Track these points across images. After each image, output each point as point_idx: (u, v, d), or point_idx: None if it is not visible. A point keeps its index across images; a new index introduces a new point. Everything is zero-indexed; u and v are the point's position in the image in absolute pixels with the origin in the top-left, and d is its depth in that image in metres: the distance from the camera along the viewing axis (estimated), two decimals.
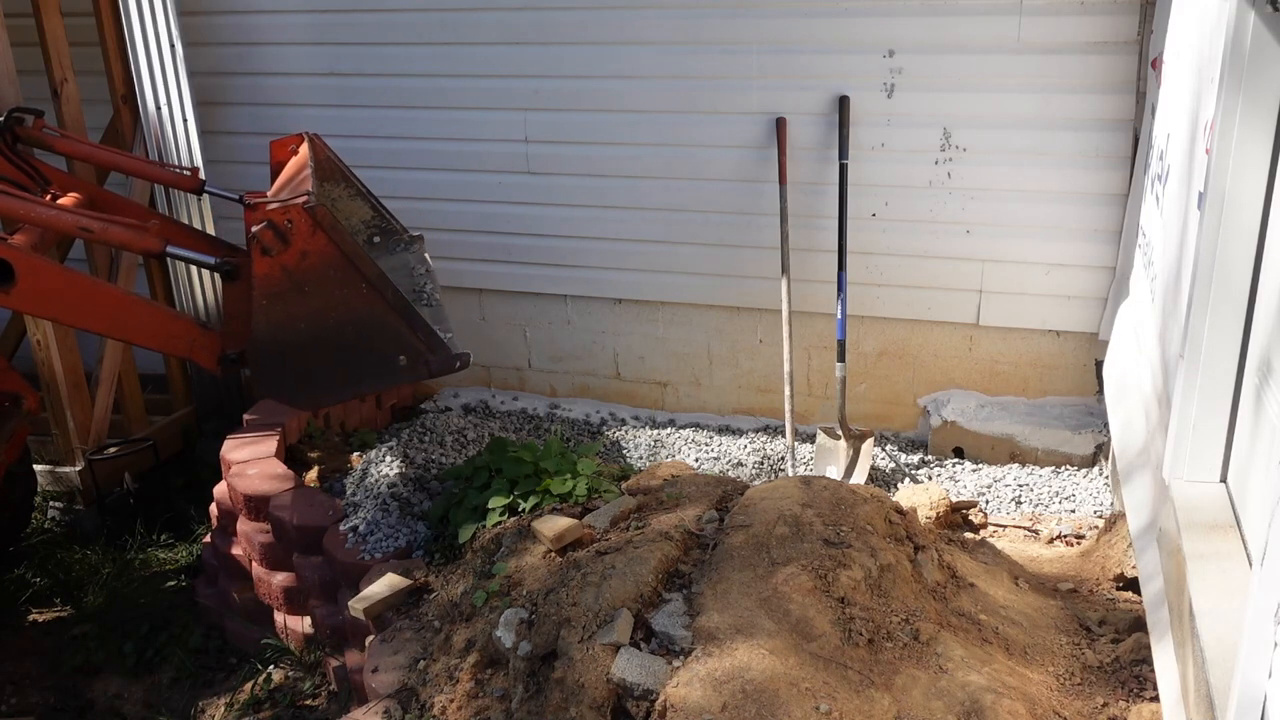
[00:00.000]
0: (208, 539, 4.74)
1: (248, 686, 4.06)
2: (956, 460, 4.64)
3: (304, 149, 4.14)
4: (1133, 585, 3.22)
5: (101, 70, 5.21)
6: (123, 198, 4.49)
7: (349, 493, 4.20)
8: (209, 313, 5.46)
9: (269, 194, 4.09)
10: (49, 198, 3.71)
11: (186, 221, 5.18)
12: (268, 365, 3.38)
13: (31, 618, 4.67)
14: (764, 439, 4.91)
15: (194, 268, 5.38)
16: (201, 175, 4.63)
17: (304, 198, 3.32)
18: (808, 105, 4.50)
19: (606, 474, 3.95)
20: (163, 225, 4.11)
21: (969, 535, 3.81)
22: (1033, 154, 4.30)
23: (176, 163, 5.25)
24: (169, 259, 3.97)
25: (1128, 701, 2.64)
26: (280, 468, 4.36)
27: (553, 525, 3.32)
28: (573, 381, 5.38)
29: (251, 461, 4.40)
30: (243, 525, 4.30)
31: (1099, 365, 4.51)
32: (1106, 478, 4.34)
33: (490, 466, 3.94)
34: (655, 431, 5.05)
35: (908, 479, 4.52)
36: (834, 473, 4.50)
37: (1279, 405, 2.16)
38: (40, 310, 3.47)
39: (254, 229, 3.24)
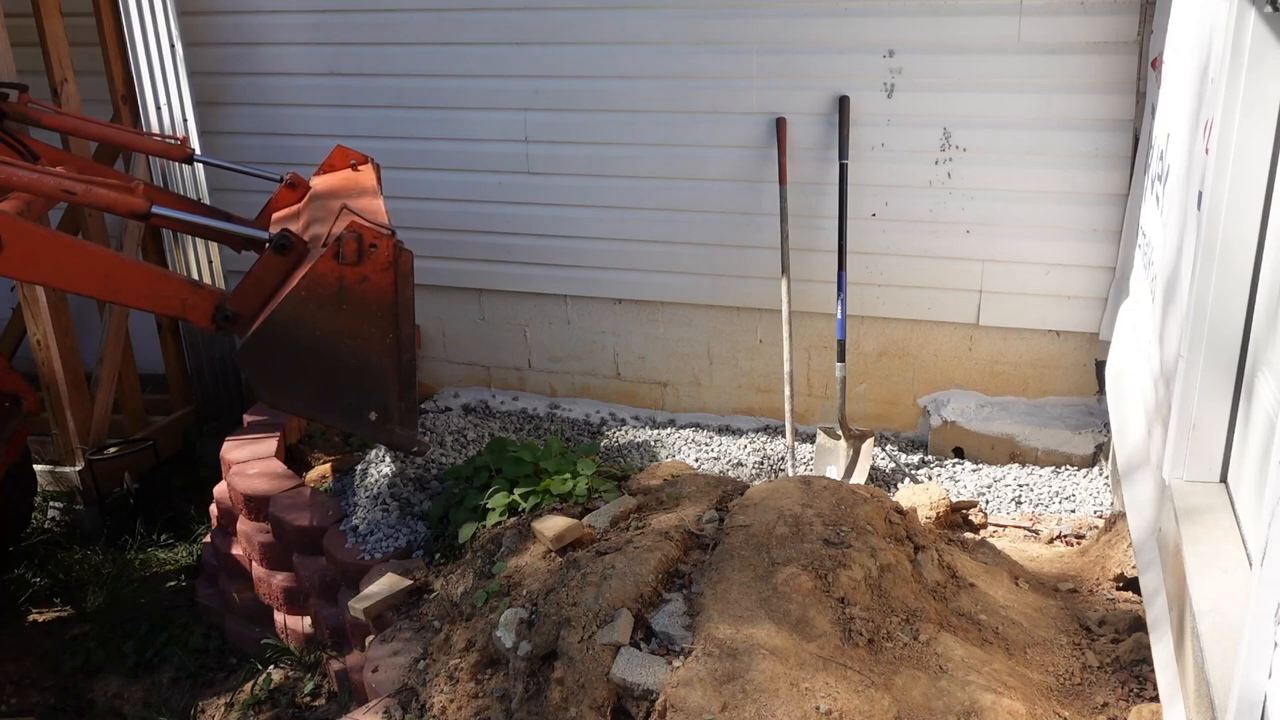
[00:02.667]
0: (208, 539, 4.74)
1: (248, 686, 4.07)
2: (956, 460, 4.64)
3: (370, 172, 4.26)
4: (1133, 585, 3.22)
5: (101, 70, 5.21)
6: (117, 171, 4.48)
7: (349, 493, 4.20)
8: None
9: (315, 184, 4.13)
10: None
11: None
12: (264, 346, 3.39)
13: (31, 618, 4.68)
14: (764, 439, 4.91)
15: (188, 241, 5.38)
16: (192, 145, 4.64)
17: (393, 235, 3.41)
18: (808, 105, 4.50)
19: (606, 474, 3.95)
20: (151, 191, 4.13)
21: (969, 535, 3.81)
22: (1033, 154, 4.30)
23: (177, 171, 5.27)
24: (200, 234, 3.94)
25: (1128, 701, 2.64)
26: (280, 468, 4.36)
27: (553, 525, 3.32)
28: (573, 381, 5.38)
29: (251, 461, 4.41)
30: (243, 525, 4.30)
31: (1099, 365, 4.51)
32: (1106, 478, 4.34)
33: (490, 466, 3.94)
34: (655, 431, 5.05)
35: (908, 479, 4.52)
36: (834, 473, 4.50)
37: (1278, 404, 2.16)
38: (30, 275, 3.46)
39: (341, 232, 3.30)
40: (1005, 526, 4.02)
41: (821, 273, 4.62)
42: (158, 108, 5.23)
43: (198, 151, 5.23)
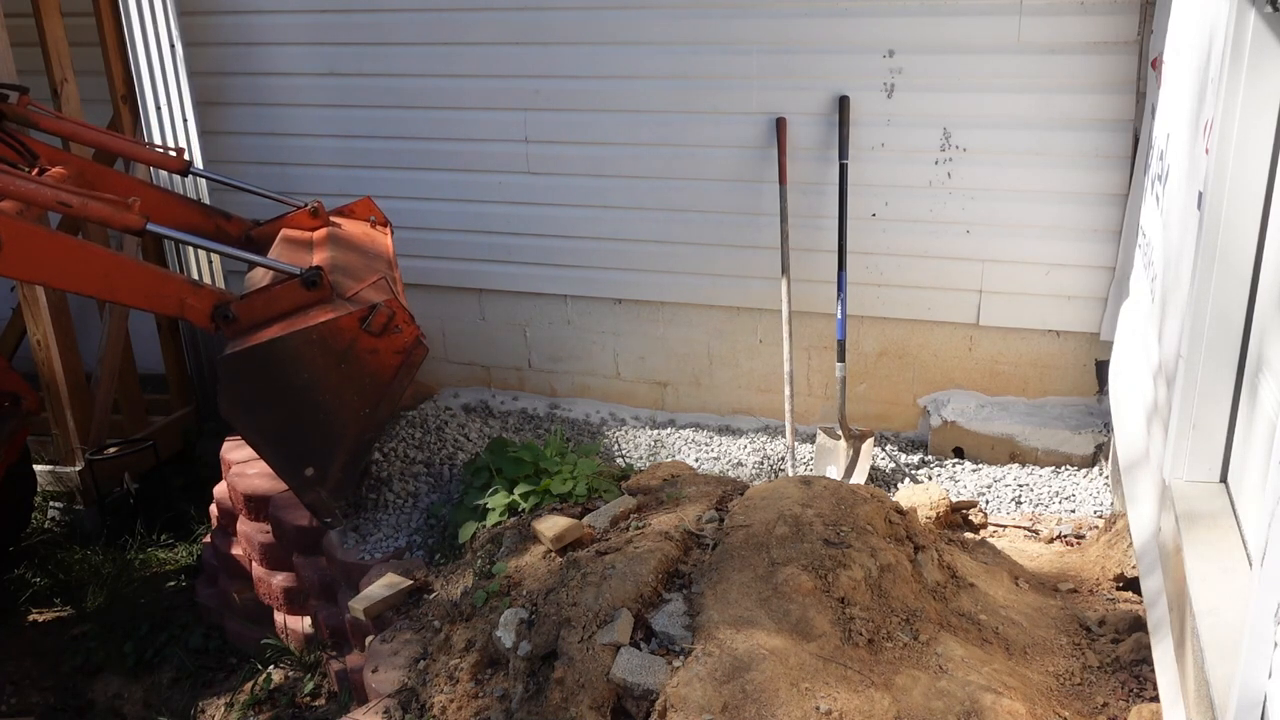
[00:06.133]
0: (208, 539, 4.74)
1: (248, 686, 4.06)
2: (956, 460, 4.64)
3: (389, 238, 4.35)
4: (1133, 585, 3.22)
5: (101, 70, 5.21)
6: (116, 172, 4.49)
7: None
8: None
9: (339, 225, 4.25)
10: (36, 172, 3.71)
11: None
12: (251, 363, 3.40)
13: (31, 618, 4.68)
14: (764, 439, 4.91)
15: (188, 248, 5.38)
16: (189, 157, 4.65)
17: (419, 329, 3.53)
18: (808, 105, 4.50)
19: (606, 474, 3.95)
20: (151, 196, 4.15)
21: (969, 535, 3.81)
22: (1033, 154, 4.30)
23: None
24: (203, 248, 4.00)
25: (1128, 701, 2.64)
26: None
27: (553, 525, 3.32)
28: (573, 381, 5.38)
29: (251, 461, 4.40)
30: (243, 525, 4.30)
31: (1099, 365, 4.51)
32: (1106, 478, 4.35)
33: (490, 466, 3.94)
34: (655, 431, 5.05)
35: (908, 479, 4.52)
36: (834, 473, 4.50)
37: (1278, 404, 2.16)
38: (29, 274, 3.48)
39: (378, 302, 3.40)
40: (1005, 526, 4.02)
41: (821, 273, 4.62)
42: (158, 108, 5.23)
43: (198, 155, 5.25)
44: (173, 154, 4.49)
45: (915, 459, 4.69)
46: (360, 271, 3.77)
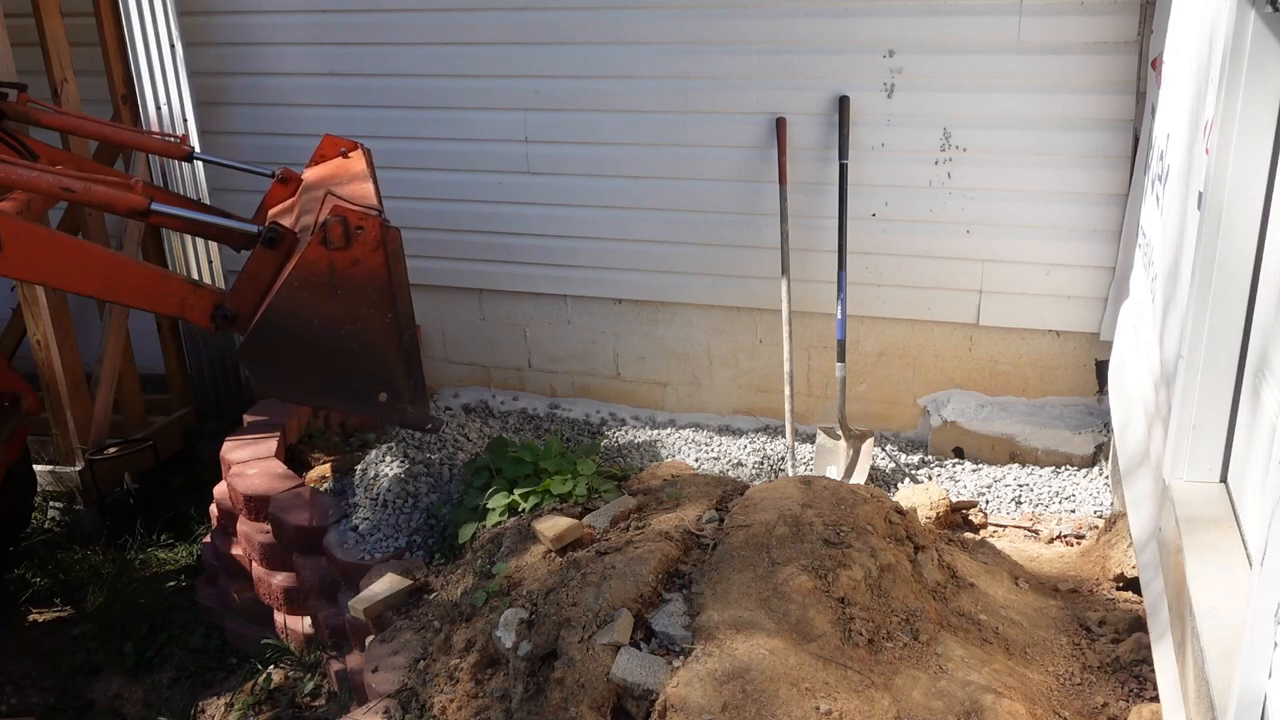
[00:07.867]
0: (208, 539, 4.74)
1: (248, 686, 4.07)
2: (956, 460, 4.64)
3: (361, 157, 4.23)
4: (1133, 585, 3.22)
5: (101, 70, 5.21)
6: (117, 171, 4.49)
7: (349, 493, 4.20)
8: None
9: (307, 176, 4.12)
10: None
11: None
12: (264, 341, 3.39)
13: (31, 618, 4.68)
14: (764, 439, 4.91)
15: (188, 240, 5.38)
16: (192, 144, 4.65)
17: (380, 214, 3.38)
18: (808, 105, 4.50)
19: (606, 474, 3.95)
20: (150, 189, 4.15)
21: (969, 535, 3.81)
22: (1033, 154, 4.30)
23: (177, 171, 5.28)
24: (198, 232, 3.94)
25: (1128, 701, 2.64)
26: (280, 468, 4.36)
27: (553, 525, 3.32)
28: (573, 381, 5.38)
29: (251, 461, 4.40)
30: (243, 525, 4.30)
31: (1099, 365, 4.51)
32: (1106, 478, 4.35)
33: (490, 466, 3.94)
34: (655, 431, 5.05)
35: (908, 479, 4.52)
36: (834, 473, 4.50)
37: (1278, 404, 2.16)
38: (29, 274, 3.48)
39: (326, 217, 3.28)
40: (1005, 526, 4.02)
41: (821, 273, 4.62)
42: (158, 108, 5.23)
43: (197, 150, 5.25)
44: (174, 140, 4.50)
45: (915, 459, 4.69)
46: (320, 204, 3.73)
